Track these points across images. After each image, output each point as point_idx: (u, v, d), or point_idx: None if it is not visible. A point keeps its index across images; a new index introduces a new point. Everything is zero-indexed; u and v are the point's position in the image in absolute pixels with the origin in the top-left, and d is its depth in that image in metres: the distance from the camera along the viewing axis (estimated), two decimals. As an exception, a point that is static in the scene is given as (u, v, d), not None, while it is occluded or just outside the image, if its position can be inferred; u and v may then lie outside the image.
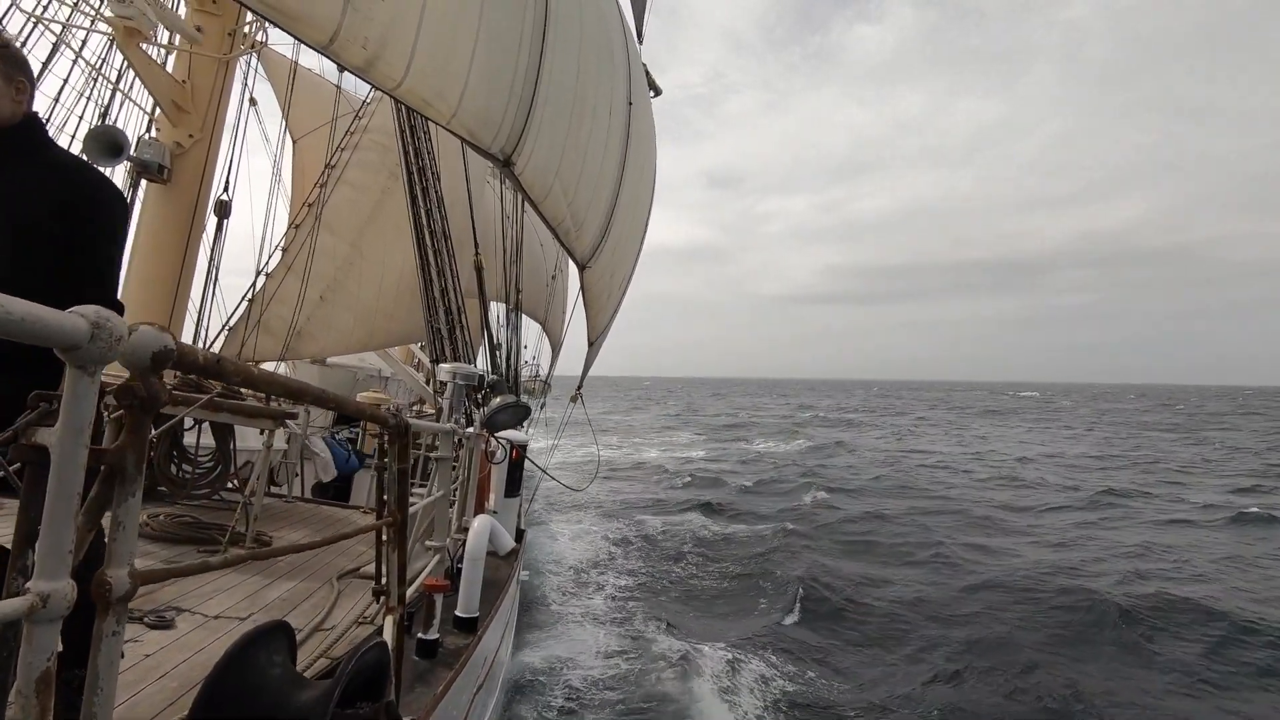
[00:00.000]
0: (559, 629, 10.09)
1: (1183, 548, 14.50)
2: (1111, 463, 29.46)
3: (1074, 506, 19.15)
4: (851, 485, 22.58)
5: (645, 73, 10.39)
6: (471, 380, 6.38)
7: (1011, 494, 21.37)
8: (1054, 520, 17.47)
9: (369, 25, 4.04)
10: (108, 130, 6.14)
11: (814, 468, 26.55)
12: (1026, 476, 24.86)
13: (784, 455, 31.34)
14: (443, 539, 3.50)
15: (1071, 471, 26.50)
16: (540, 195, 6.16)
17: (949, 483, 23.46)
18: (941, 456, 31.16)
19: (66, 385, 0.87)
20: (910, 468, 27.38)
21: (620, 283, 8.89)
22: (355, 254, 9.75)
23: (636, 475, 26.56)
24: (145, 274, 6.68)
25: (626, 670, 8.43)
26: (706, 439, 39.51)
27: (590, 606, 11.49)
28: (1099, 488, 21.59)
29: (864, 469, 26.73)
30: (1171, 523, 17.08)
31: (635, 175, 7.52)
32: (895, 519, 17.02)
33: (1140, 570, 12.45)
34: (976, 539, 15.28)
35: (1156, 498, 20.63)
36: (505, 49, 5.10)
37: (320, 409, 9.29)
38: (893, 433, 44.74)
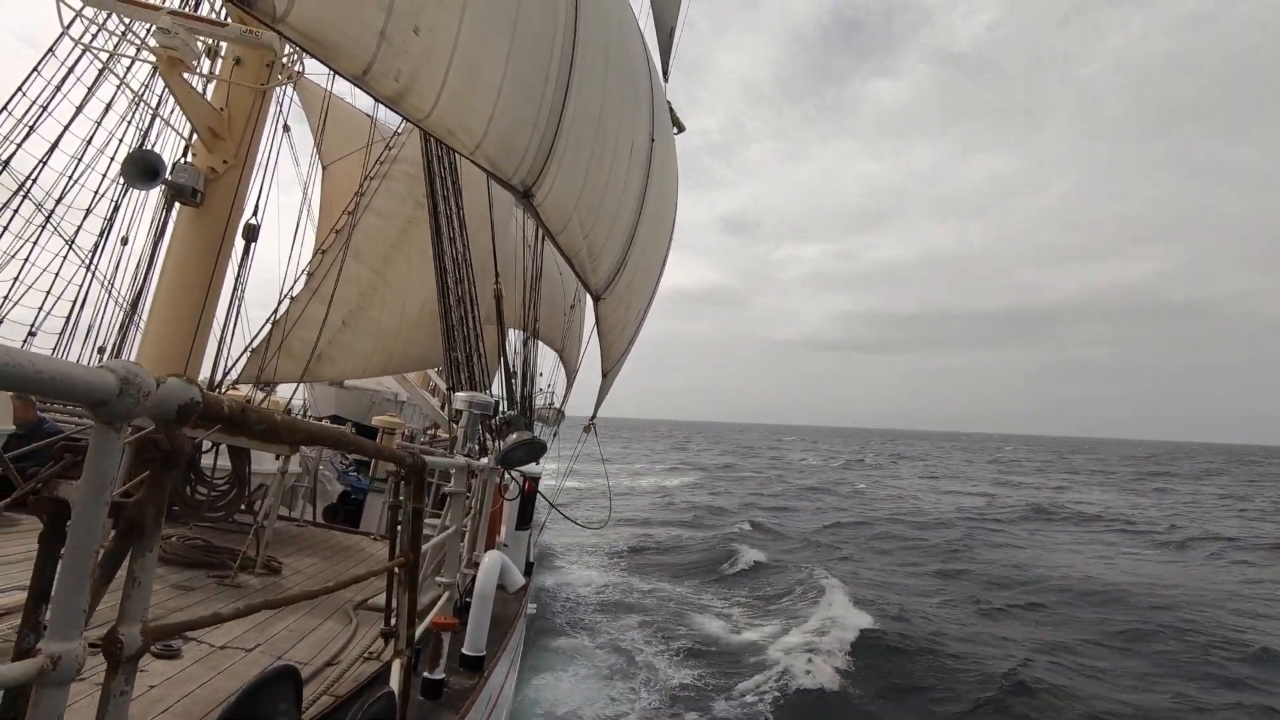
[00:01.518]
0: (564, 662, 9.98)
1: None
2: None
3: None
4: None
5: (670, 110, 10.55)
6: (486, 410, 6.39)
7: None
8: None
9: (402, 59, 4.15)
10: (146, 155, 6.32)
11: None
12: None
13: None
14: (453, 575, 3.47)
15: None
16: (558, 227, 6.23)
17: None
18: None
19: (92, 441, 0.87)
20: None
21: (636, 315, 8.91)
22: (379, 280, 9.88)
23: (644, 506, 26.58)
24: (172, 295, 6.81)
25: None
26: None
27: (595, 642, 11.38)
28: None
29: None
30: None
31: (654, 210, 7.58)
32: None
33: None
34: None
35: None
36: (531, 84, 5.20)
37: (336, 431, 9.35)
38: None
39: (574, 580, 15.83)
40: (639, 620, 12.67)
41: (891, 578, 16.52)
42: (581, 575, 16.54)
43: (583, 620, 12.69)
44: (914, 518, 26.64)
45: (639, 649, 11.08)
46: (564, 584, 15.27)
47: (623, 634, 11.86)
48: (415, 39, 4.24)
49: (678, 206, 10.09)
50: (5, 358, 0.71)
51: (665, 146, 8.44)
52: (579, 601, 13.93)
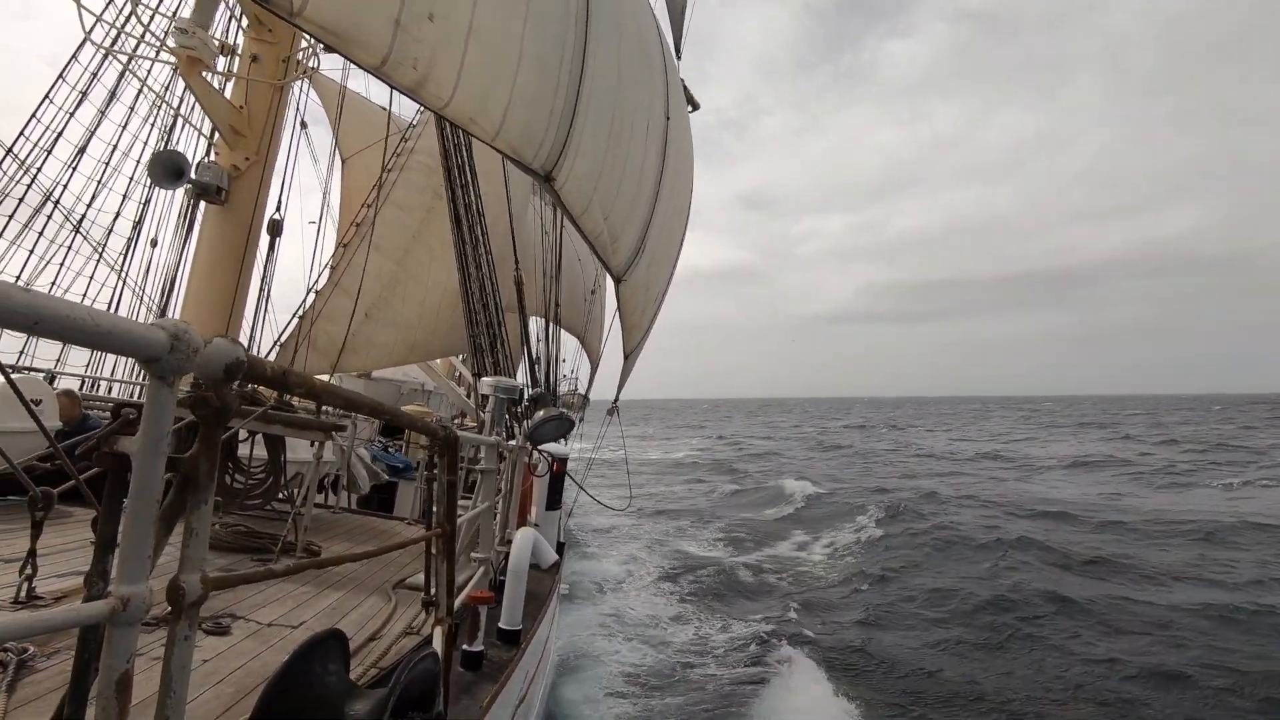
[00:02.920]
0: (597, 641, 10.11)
1: None
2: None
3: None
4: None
5: (683, 88, 10.46)
6: (513, 394, 6.44)
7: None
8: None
9: (418, 47, 4.16)
10: (171, 155, 6.43)
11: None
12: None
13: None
14: (487, 551, 3.53)
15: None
16: (579, 210, 6.23)
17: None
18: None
19: (148, 396, 0.90)
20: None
21: (656, 296, 8.91)
22: (400, 272, 9.99)
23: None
24: (203, 291, 6.95)
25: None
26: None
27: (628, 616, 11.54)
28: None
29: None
30: None
31: (672, 189, 7.55)
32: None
33: None
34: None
35: None
36: (547, 68, 5.19)
37: (366, 420, 9.50)
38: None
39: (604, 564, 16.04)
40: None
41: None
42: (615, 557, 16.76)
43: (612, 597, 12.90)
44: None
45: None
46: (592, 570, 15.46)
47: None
48: (430, 26, 4.25)
49: (694, 184, 10.03)
50: (68, 311, 0.74)
51: (680, 124, 8.38)
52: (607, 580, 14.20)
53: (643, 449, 47.42)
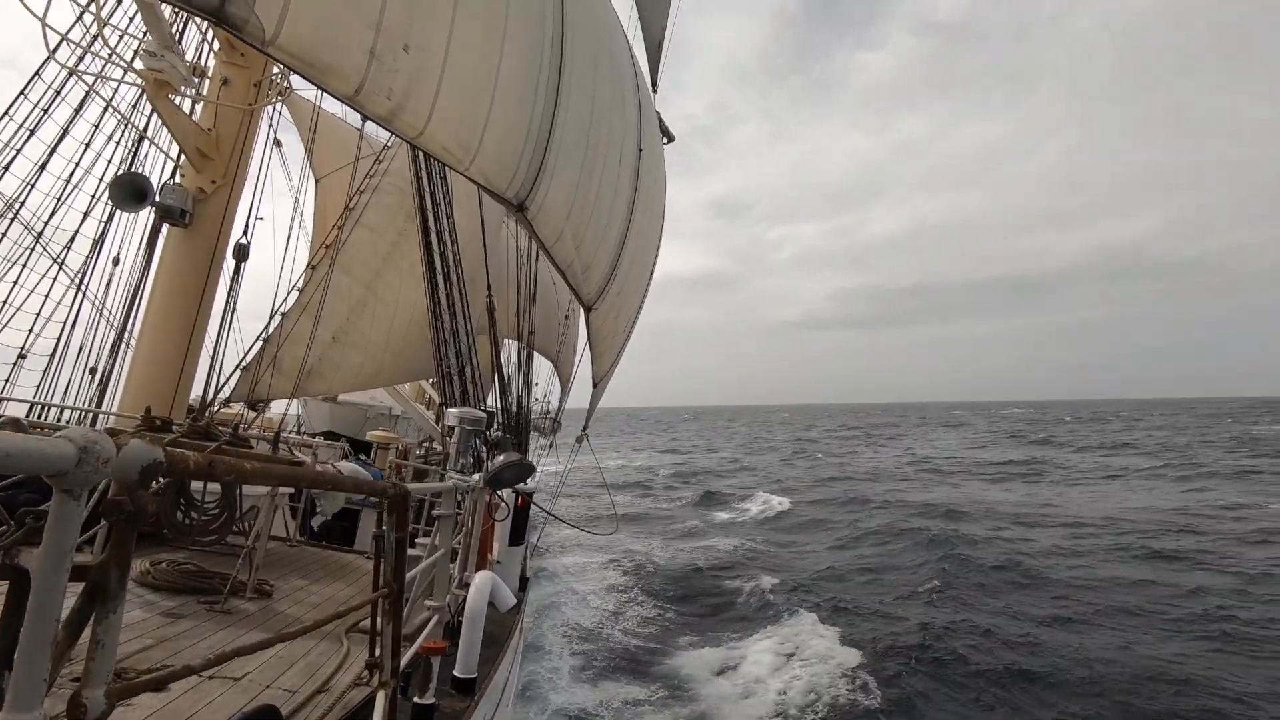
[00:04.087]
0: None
1: None
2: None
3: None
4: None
5: (659, 120, 10.57)
6: (479, 425, 6.38)
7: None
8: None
9: (393, 77, 4.16)
10: (133, 178, 6.30)
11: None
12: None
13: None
14: (442, 598, 3.45)
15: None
16: (551, 239, 6.25)
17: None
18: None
19: (52, 510, 0.87)
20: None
21: (625, 324, 8.93)
22: (369, 295, 9.87)
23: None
24: (162, 317, 6.79)
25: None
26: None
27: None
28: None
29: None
30: None
31: (643, 220, 7.61)
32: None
33: None
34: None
35: None
36: (521, 99, 5.22)
37: (329, 446, 9.31)
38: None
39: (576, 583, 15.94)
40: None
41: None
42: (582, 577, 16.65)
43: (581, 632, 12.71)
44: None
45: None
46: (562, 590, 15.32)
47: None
48: (405, 57, 4.25)
49: (665, 209, 10.12)
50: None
51: (653, 157, 8.47)
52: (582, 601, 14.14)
53: (608, 465, 48.21)
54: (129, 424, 6.19)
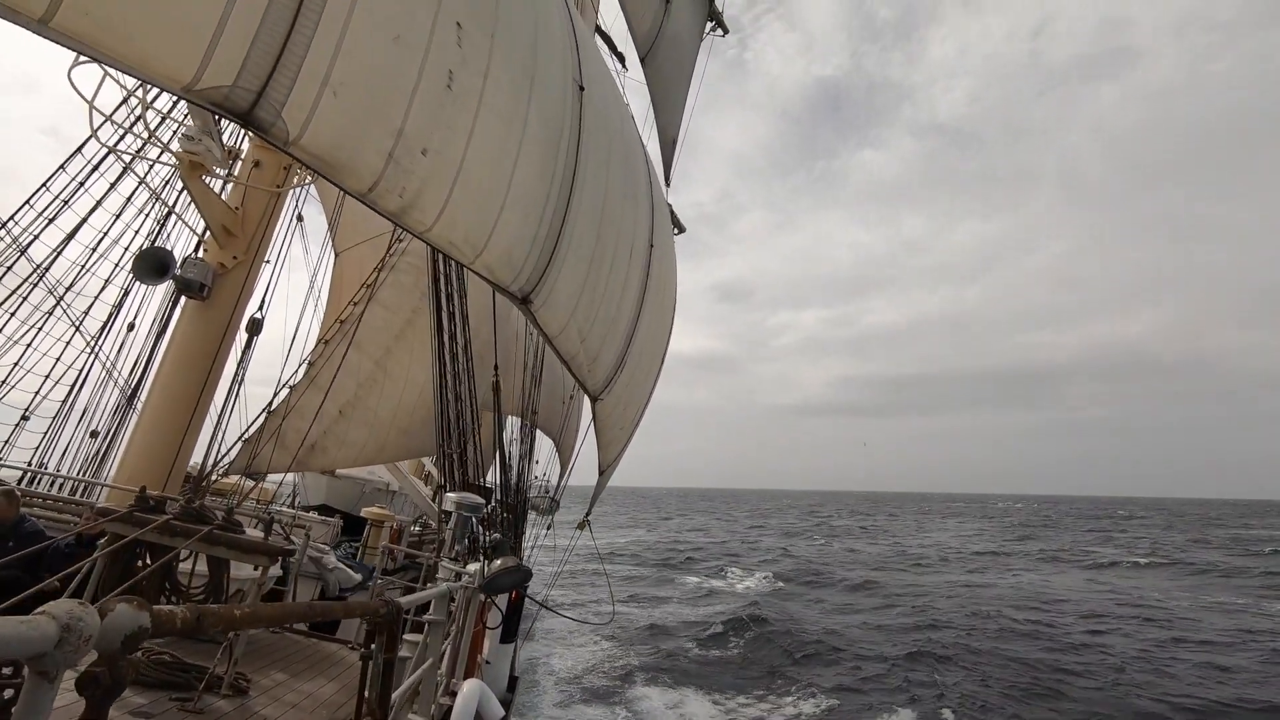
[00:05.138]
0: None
1: None
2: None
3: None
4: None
5: (670, 211, 10.91)
6: (477, 511, 6.28)
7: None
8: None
9: (408, 178, 4.32)
10: (156, 252, 6.49)
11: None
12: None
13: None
14: (426, 712, 3.30)
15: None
16: (555, 331, 6.32)
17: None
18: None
19: (24, 693, 0.85)
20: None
21: (634, 414, 8.92)
22: (379, 371, 9.96)
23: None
24: (170, 386, 6.84)
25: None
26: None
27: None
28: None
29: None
30: None
31: (653, 314, 7.72)
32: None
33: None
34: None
35: None
36: (534, 199, 5.39)
37: (323, 526, 9.17)
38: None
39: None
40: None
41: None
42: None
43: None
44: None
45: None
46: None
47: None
48: (422, 159, 4.43)
49: (676, 301, 10.28)
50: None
51: (665, 250, 8.67)
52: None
53: (600, 541, 47.79)
54: (124, 497, 6.14)
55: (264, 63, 3.21)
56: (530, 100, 5.10)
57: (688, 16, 14.30)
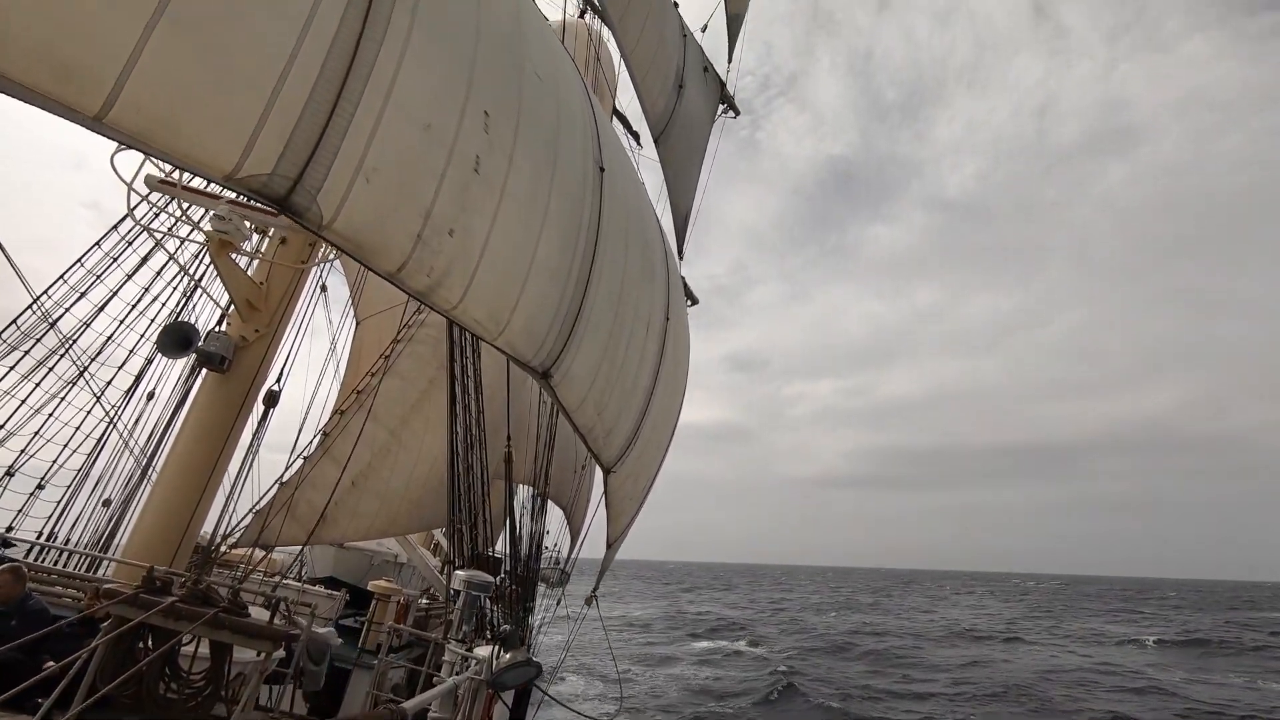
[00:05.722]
0: None
1: None
2: None
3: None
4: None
5: (684, 285, 11.06)
6: (486, 589, 6.11)
7: None
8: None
9: (435, 258, 4.42)
10: (181, 327, 6.62)
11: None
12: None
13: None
14: (431, 814, 3.12)
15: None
16: (574, 405, 6.31)
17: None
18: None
19: None
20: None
21: (643, 487, 8.80)
22: (394, 442, 9.94)
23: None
24: (186, 456, 6.84)
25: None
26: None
27: None
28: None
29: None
30: None
31: (667, 387, 7.71)
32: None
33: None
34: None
35: None
36: (555, 276, 5.48)
37: (328, 597, 8.95)
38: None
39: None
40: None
41: None
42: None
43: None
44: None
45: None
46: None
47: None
48: (449, 240, 4.53)
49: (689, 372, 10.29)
50: None
51: (679, 323, 8.75)
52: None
53: (610, 614, 46.81)
54: (132, 573, 6.04)
55: (302, 152, 3.34)
56: (553, 182, 5.26)
57: (700, 99, 14.90)
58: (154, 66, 2.78)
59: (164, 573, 4.24)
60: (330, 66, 3.36)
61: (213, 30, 2.92)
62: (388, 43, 3.67)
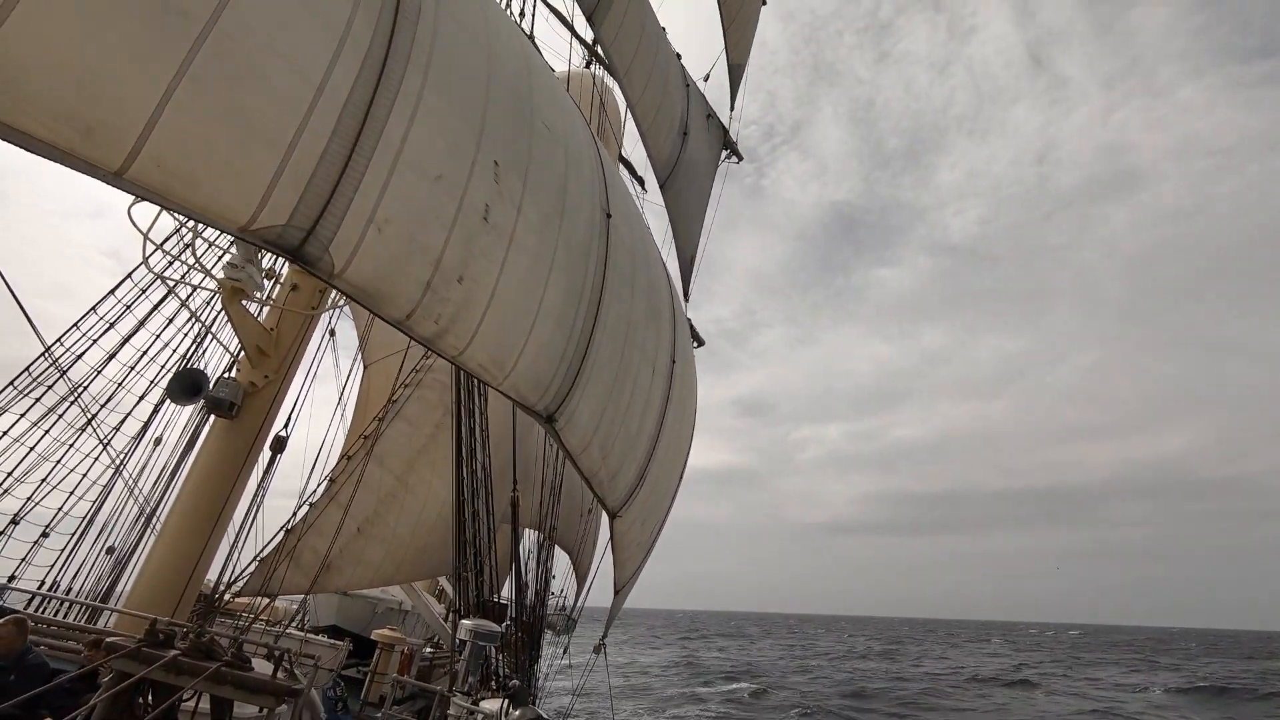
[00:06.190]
0: None
1: None
2: None
3: None
4: None
5: (690, 326, 11.11)
6: (492, 639, 6.00)
7: None
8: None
9: (444, 305, 4.46)
10: (191, 373, 6.68)
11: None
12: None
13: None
14: None
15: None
16: (578, 449, 6.28)
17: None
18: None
19: None
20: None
21: (651, 531, 8.69)
22: (400, 487, 9.89)
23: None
24: (192, 503, 6.82)
25: None
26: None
27: None
28: None
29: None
30: None
31: (674, 430, 7.67)
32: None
33: None
34: None
35: None
36: (561, 323, 5.51)
37: (331, 646, 8.78)
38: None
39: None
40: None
41: None
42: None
43: None
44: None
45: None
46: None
47: None
48: (458, 287, 4.58)
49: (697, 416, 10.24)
50: None
51: (685, 366, 8.75)
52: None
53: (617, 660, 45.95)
54: (134, 623, 5.96)
55: (315, 204, 3.42)
56: (561, 229, 5.34)
57: (704, 145, 15.21)
58: (175, 124, 2.86)
59: (166, 624, 4.19)
60: (344, 124, 3.46)
61: (232, 90, 3.01)
62: (400, 101, 3.78)
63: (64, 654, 5.25)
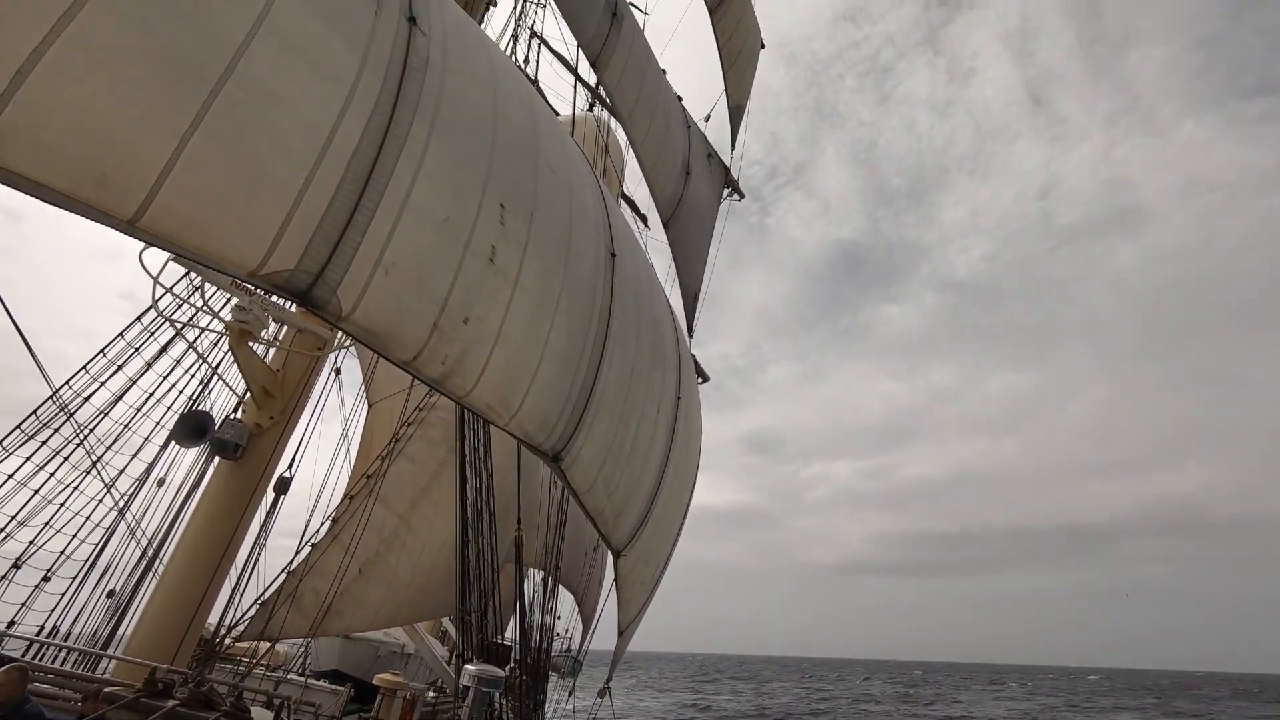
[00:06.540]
0: None
1: None
2: None
3: None
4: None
5: (695, 363, 11.11)
6: (496, 685, 5.88)
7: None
8: None
9: (450, 346, 4.48)
10: (197, 416, 6.69)
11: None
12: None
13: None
14: None
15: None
16: (584, 488, 6.23)
17: None
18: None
19: None
20: None
21: (655, 571, 8.57)
22: (403, 527, 9.80)
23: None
24: (195, 545, 6.77)
25: None
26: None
27: None
28: None
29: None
30: None
31: (678, 468, 7.62)
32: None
33: None
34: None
35: None
36: (567, 363, 5.52)
37: (332, 693, 8.60)
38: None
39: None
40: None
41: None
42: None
43: None
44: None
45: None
46: None
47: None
48: (465, 328, 4.60)
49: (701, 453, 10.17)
50: None
51: (690, 402, 8.73)
52: None
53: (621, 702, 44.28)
54: (134, 670, 5.86)
55: (324, 248, 3.46)
56: (566, 269, 5.38)
57: (706, 184, 15.43)
58: (187, 174, 2.92)
59: (166, 673, 4.12)
60: (353, 171, 3.53)
61: (243, 141, 3.08)
62: (408, 149, 3.86)
63: (60, 705, 5.15)
